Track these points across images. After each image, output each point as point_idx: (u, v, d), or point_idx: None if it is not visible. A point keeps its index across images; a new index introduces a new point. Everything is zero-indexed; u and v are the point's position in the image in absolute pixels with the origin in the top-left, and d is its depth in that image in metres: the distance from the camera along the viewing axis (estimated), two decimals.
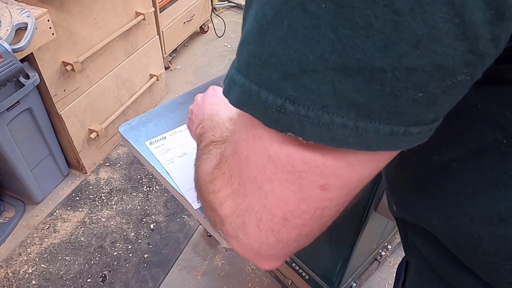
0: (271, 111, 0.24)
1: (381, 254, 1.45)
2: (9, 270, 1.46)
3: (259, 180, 0.29)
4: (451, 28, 0.21)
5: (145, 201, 1.70)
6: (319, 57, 0.22)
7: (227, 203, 0.33)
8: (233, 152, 0.31)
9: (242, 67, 0.26)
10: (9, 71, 1.09)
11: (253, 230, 0.31)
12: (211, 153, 0.41)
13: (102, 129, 1.74)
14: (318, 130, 0.24)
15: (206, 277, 1.47)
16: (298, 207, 0.28)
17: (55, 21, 1.34)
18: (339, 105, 0.23)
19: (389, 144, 0.25)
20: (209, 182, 0.35)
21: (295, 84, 0.23)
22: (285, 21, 0.23)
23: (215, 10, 2.83)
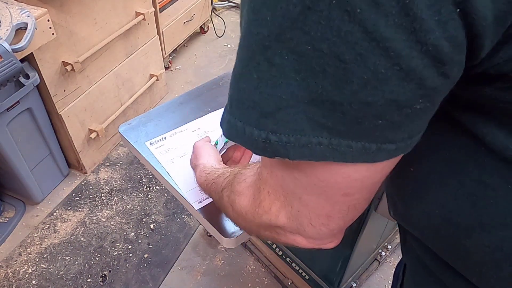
0: (257, 142, 0.29)
1: (381, 254, 1.45)
2: (9, 270, 1.46)
3: (297, 193, 0.34)
4: (394, 73, 0.24)
5: (145, 201, 1.70)
6: (290, 95, 0.27)
7: (281, 214, 0.37)
8: (269, 173, 0.36)
9: (227, 106, 0.31)
10: (9, 71, 1.09)
11: (309, 227, 0.36)
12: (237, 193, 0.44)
13: (102, 129, 1.74)
14: (299, 150, 0.28)
15: (206, 277, 1.47)
16: (333, 208, 0.34)
17: (55, 21, 1.34)
18: (313, 128, 0.27)
19: (365, 157, 0.28)
20: (257, 208, 0.40)
21: (274, 120, 0.28)
22: (253, 73, 0.27)
23: (215, 10, 2.83)
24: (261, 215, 0.39)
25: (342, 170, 0.30)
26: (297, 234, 0.38)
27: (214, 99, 0.94)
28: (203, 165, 0.64)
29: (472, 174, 0.32)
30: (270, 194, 0.37)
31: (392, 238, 1.49)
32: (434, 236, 0.38)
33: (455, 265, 0.37)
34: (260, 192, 0.39)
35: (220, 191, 0.50)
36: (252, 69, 0.27)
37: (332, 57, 0.24)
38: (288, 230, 0.38)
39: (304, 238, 0.38)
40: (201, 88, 0.98)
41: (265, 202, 0.38)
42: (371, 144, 0.27)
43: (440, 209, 0.35)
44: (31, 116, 1.47)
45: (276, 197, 0.37)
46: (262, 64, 0.27)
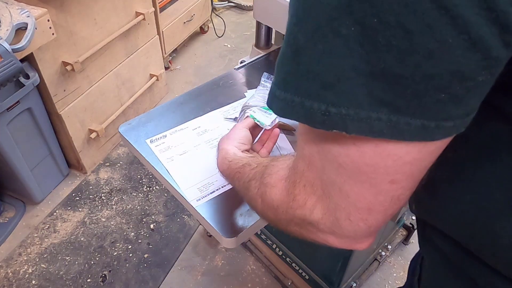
0: (317, 115, 0.29)
1: (381, 254, 1.45)
2: (9, 270, 1.46)
3: (338, 183, 0.33)
4: (460, 43, 0.24)
5: (145, 201, 1.70)
6: (351, 67, 0.27)
7: (317, 209, 0.37)
8: (307, 165, 0.36)
9: (281, 83, 0.31)
10: (9, 71, 1.09)
11: (346, 223, 0.35)
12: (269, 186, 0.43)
13: (102, 129, 1.74)
14: (357, 125, 0.28)
15: (206, 277, 1.47)
16: (376, 199, 0.33)
17: (55, 21, 1.34)
18: (372, 102, 0.28)
19: (423, 135, 0.28)
20: (291, 202, 0.39)
21: (335, 91, 0.28)
22: (318, 44, 0.28)
23: (215, 10, 2.84)
24: (295, 209, 0.39)
25: (395, 151, 0.30)
26: (329, 233, 0.37)
27: (214, 99, 0.95)
28: (225, 151, 0.62)
29: (506, 159, 0.32)
30: (306, 187, 0.37)
31: (392, 238, 1.49)
32: (461, 224, 0.38)
33: (480, 253, 0.37)
34: (295, 186, 0.38)
35: (246, 182, 0.49)
36: (317, 40, 0.28)
37: (398, 29, 0.24)
38: (321, 227, 0.37)
39: (336, 237, 0.37)
40: (201, 88, 0.98)
41: (300, 196, 0.38)
42: (430, 121, 0.27)
43: (471, 195, 0.35)
44: (31, 116, 1.47)
45: (313, 190, 0.36)
46: (328, 34, 0.27)
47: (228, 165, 0.59)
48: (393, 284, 1.46)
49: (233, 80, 1.02)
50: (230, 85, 1.00)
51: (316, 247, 1.23)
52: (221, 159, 0.62)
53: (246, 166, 0.53)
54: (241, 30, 2.82)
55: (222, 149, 0.64)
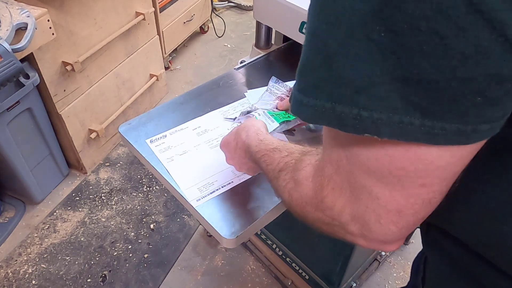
0: (348, 119, 0.30)
1: (381, 254, 1.45)
2: (9, 270, 1.46)
3: (368, 187, 0.33)
4: (497, 45, 0.24)
5: (145, 201, 1.71)
6: (385, 72, 0.27)
7: (345, 212, 0.36)
8: (335, 170, 0.36)
9: (309, 90, 0.31)
10: (9, 71, 1.09)
11: (376, 226, 0.35)
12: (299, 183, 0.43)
13: (102, 129, 1.74)
14: (390, 129, 0.29)
15: (206, 277, 1.47)
16: (407, 201, 0.33)
17: (55, 21, 1.34)
18: (405, 107, 0.28)
19: (458, 140, 0.28)
20: (319, 203, 0.39)
21: (367, 96, 0.29)
22: (352, 49, 0.28)
23: (215, 10, 2.83)
24: (323, 210, 0.38)
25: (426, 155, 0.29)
26: (359, 236, 0.37)
27: (214, 99, 0.95)
28: (257, 128, 0.61)
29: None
30: (335, 190, 0.37)
31: None
32: (467, 225, 0.38)
33: (487, 254, 0.37)
34: (322, 188, 0.38)
35: (276, 171, 0.49)
36: (351, 45, 0.28)
37: (431, 34, 0.25)
38: (350, 230, 0.37)
39: (366, 240, 0.37)
40: (201, 88, 0.98)
41: (328, 198, 0.37)
42: (467, 125, 0.27)
43: (479, 196, 0.35)
44: (31, 116, 1.47)
45: (341, 193, 0.36)
46: (361, 40, 0.27)
47: (259, 143, 0.57)
48: (393, 284, 1.46)
49: (233, 80, 1.02)
50: (230, 85, 1.00)
51: (316, 247, 1.23)
52: (252, 134, 0.60)
53: (277, 152, 0.52)
54: (241, 30, 2.82)
55: (252, 125, 0.62)
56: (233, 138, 0.65)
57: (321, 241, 1.18)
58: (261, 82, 1.00)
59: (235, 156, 0.66)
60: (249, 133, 0.61)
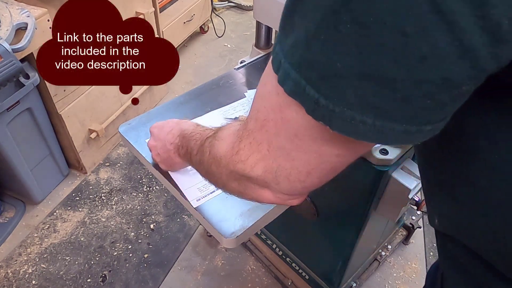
0: (310, 102, 0.30)
1: (381, 254, 1.45)
2: (9, 270, 1.46)
3: (287, 148, 0.35)
4: (452, 50, 0.24)
5: (145, 201, 1.70)
6: (345, 65, 0.27)
7: (258, 166, 0.39)
8: (259, 127, 0.37)
9: (295, 65, 0.31)
10: (9, 71, 1.09)
11: (284, 181, 0.38)
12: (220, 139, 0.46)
13: (102, 129, 1.74)
14: (342, 123, 0.29)
15: (206, 277, 1.47)
16: (318, 166, 0.35)
17: None
18: (360, 105, 0.28)
19: (404, 139, 0.29)
20: (234, 155, 0.41)
21: (328, 84, 0.29)
22: (322, 35, 0.28)
23: (215, 10, 2.83)
24: (236, 163, 0.40)
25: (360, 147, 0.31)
26: (266, 188, 0.40)
27: (214, 99, 0.95)
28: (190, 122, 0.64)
29: None
30: (252, 145, 0.38)
31: (392, 238, 1.49)
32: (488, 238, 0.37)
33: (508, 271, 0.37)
34: (241, 141, 0.40)
35: (203, 139, 0.51)
36: (321, 30, 0.28)
37: (394, 30, 0.24)
38: (259, 183, 0.40)
39: (272, 192, 0.40)
40: (201, 88, 0.98)
41: (243, 151, 0.39)
42: (412, 126, 0.28)
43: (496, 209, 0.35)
44: (31, 116, 1.47)
45: (258, 149, 0.38)
46: (329, 27, 0.27)
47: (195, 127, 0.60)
48: (393, 284, 1.46)
49: (233, 80, 1.01)
50: (230, 85, 1.00)
51: (316, 247, 1.23)
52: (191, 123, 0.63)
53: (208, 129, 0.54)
54: (241, 30, 2.82)
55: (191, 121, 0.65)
56: (170, 124, 0.67)
57: (321, 241, 1.18)
58: None
59: (162, 139, 0.67)
60: (189, 122, 0.64)
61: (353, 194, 0.92)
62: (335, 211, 1.03)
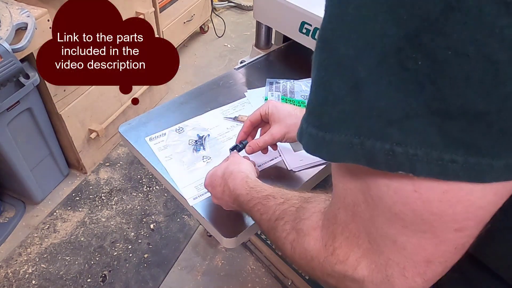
0: (379, 155, 0.26)
1: None
2: (9, 270, 1.46)
3: (392, 235, 0.29)
4: None
5: (145, 201, 1.70)
6: (422, 104, 0.24)
7: (362, 265, 0.32)
8: (351, 216, 0.32)
9: (333, 126, 0.28)
10: (9, 71, 1.09)
11: (400, 280, 0.31)
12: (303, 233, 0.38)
13: (102, 129, 1.74)
14: (427, 166, 0.25)
15: (206, 277, 1.47)
16: (437, 249, 0.29)
17: None
18: (446, 143, 0.24)
19: (506, 176, 0.25)
20: (329, 256, 0.34)
21: (401, 129, 0.25)
22: (384, 77, 0.25)
23: (215, 10, 2.83)
24: (334, 264, 0.34)
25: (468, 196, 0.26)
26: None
27: (214, 99, 0.95)
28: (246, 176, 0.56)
29: None
30: (350, 240, 0.32)
31: None
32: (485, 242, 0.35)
33: None
34: (335, 238, 0.34)
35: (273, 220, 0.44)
36: (383, 73, 0.25)
37: (480, 60, 0.22)
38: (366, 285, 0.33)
39: None
40: (201, 88, 0.98)
41: (341, 249, 0.33)
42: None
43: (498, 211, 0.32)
44: (31, 116, 1.47)
45: (358, 244, 0.32)
46: (394, 68, 0.24)
47: (249, 191, 0.53)
48: None
49: (233, 80, 1.02)
50: (230, 85, 1.00)
51: None
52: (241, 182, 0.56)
53: (271, 199, 0.48)
54: (241, 30, 2.82)
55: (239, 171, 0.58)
56: (219, 183, 0.61)
57: None
58: (261, 82, 1.00)
59: (223, 199, 0.62)
60: (237, 181, 0.57)
61: None
62: None
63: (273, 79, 1.00)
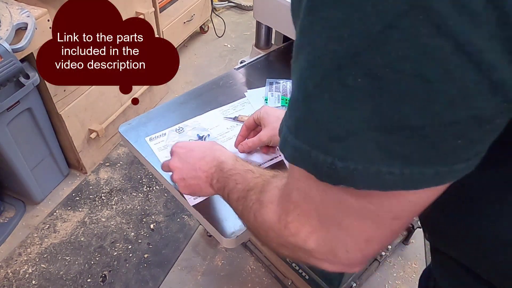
0: (323, 167, 0.28)
1: (381, 254, 1.45)
2: (9, 270, 1.46)
3: (338, 218, 0.33)
4: (482, 88, 0.23)
5: (145, 201, 1.70)
6: (361, 121, 0.25)
7: (311, 239, 0.35)
8: (303, 198, 0.35)
9: (292, 128, 0.30)
10: (9, 71, 1.09)
11: (342, 253, 0.34)
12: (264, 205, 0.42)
13: (102, 129, 1.74)
14: (367, 180, 0.27)
15: (206, 277, 1.47)
16: (376, 232, 0.33)
17: None
18: (384, 157, 0.26)
19: (437, 181, 0.27)
20: (283, 228, 0.37)
21: (342, 145, 0.27)
22: (325, 93, 0.26)
23: (215, 10, 2.83)
24: (287, 236, 0.37)
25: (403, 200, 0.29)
26: (324, 260, 0.36)
27: (214, 99, 0.95)
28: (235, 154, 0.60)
29: None
30: (301, 217, 0.35)
31: None
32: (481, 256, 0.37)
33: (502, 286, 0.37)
34: (288, 214, 0.37)
35: (246, 190, 0.47)
36: (324, 88, 0.26)
37: (415, 78, 0.23)
38: (315, 255, 0.36)
39: (330, 264, 0.36)
40: (201, 88, 0.98)
41: (292, 224, 0.36)
42: (444, 167, 0.26)
43: (492, 226, 0.34)
44: (31, 116, 1.47)
45: (308, 221, 0.35)
46: (334, 84, 0.25)
47: (235, 162, 0.57)
48: (393, 284, 1.46)
49: (233, 80, 1.02)
50: (230, 85, 1.00)
51: None
52: (230, 154, 0.60)
53: (250, 173, 0.51)
54: (241, 30, 2.82)
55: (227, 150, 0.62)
56: (201, 149, 0.63)
57: None
58: (261, 82, 1.00)
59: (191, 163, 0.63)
60: (226, 152, 0.61)
61: None
62: None
63: (273, 79, 1.00)
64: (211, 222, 0.68)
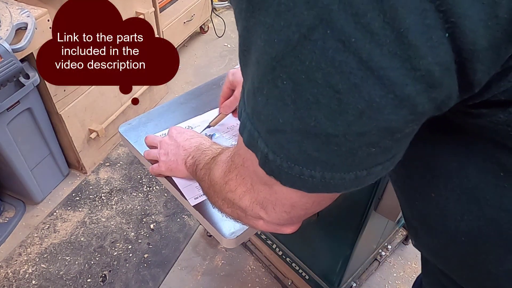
0: (261, 155, 0.30)
1: (381, 254, 1.45)
2: (9, 270, 1.46)
3: (269, 184, 0.35)
4: (387, 102, 0.24)
5: (145, 201, 1.70)
6: (286, 121, 0.27)
7: (246, 197, 0.40)
8: (242, 163, 0.38)
9: (249, 115, 0.31)
10: (9, 71, 1.09)
11: (271, 211, 0.38)
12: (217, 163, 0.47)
13: (102, 129, 1.74)
14: (291, 179, 0.30)
15: (206, 277, 1.47)
16: (300, 200, 0.35)
17: None
18: (305, 160, 0.28)
19: (357, 184, 0.30)
20: (225, 184, 0.42)
21: (274, 139, 0.29)
22: (264, 89, 0.27)
23: (215, 10, 2.83)
24: (227, 192, 0.42)
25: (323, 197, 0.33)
26: (257, 218, 0.41)
27: (214, 99, 0.94)
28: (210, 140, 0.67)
29: (493, 200, 0.31)
30: (238, 178, 0.40)
31: (392, 238, 1.49)
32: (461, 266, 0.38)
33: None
34: (230, 172, 0.41)
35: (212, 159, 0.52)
36: (264, 84, 0.27)
37: (326, 87, 0.24)
38: (249, 213, 0.41)
39: (264, 222, 0.41)
40: (201, 88, 0.98)
41: (232, 181, 0.41)
42: (362, 171, 0.28)
43: (466, 236, 0.35)
44: (31, 116, 1.47)
45: (243, 182, 0.39)
46: (269, 82, 0.27)
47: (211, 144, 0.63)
48: (393, 284, 1.46)
49: None
50: None
51: (316, 247, 1.23)
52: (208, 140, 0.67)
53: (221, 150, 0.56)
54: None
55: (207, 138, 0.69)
56: (191, 134, 0.70)
57: (321, 241, 1.18)
58: None
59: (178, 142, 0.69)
60: (209, 139, 0.69)
61: (353, 194, 0.92)
62: (335, 211, 1.03)
63: None
64: (211, 222, 0.68)
